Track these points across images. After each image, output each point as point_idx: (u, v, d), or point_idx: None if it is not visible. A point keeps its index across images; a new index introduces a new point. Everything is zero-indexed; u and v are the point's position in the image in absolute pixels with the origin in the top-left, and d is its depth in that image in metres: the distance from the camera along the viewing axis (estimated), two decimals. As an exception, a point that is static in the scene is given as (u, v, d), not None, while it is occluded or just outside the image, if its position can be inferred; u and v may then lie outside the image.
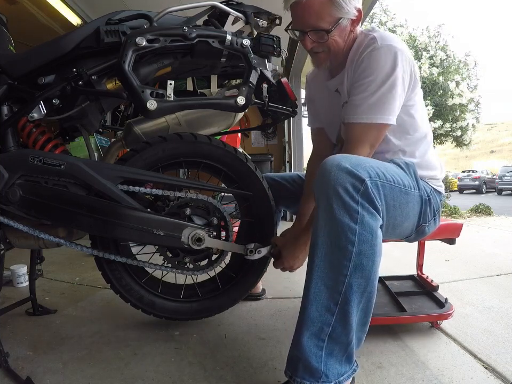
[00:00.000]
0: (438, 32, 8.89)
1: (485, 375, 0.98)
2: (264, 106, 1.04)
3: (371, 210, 0.80)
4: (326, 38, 0.98)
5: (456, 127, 8.30)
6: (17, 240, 1.08)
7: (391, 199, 0.87)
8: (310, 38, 0.99)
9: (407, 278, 1.57)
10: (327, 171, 0.81)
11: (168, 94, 0.91)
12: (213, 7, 1.06)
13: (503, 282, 1.85)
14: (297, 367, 0.81)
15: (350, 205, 0.78)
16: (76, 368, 1.02)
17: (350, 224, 0.77)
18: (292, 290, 1.72)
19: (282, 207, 1.45)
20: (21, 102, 1.05)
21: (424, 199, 0.99)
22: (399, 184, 0.91)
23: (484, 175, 19.22)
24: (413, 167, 1.02)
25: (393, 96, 0.95)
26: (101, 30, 0.99)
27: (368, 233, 0.78)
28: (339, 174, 0.79)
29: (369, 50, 0.96)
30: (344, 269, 0.78)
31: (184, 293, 1.26)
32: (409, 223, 0.99)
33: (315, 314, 0.80)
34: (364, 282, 0.79)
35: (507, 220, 5.00)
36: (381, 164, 0.90)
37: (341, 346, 0.81)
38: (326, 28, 0.96)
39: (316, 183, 0.84)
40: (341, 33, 0.99)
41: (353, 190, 0.78)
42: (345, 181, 0.78)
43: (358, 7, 0.97)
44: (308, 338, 0.80)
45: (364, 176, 0.80)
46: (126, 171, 1.04)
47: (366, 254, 0.78)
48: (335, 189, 0.78)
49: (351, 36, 1.02)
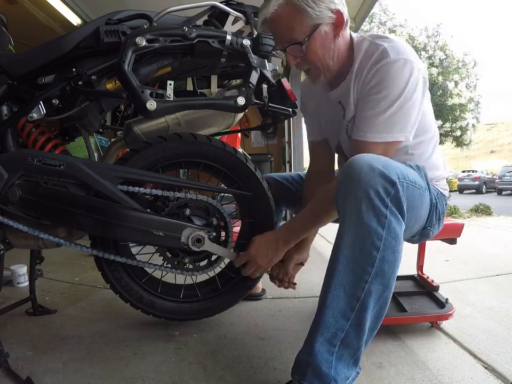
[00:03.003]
0: (437, 32, 8.90)
1: (485, 375, 0.98)
2: (264, 106, 1.04)
3: (398, 215, 0.77)
4: (304, 51, 0.92)
5: (456, 127, 8.31)
6: (17, 240, 1.08)
7: (412, 201, 0.85)
8: (291, 54, 0.94)
9: (408, 278, 1.57)
10: (357, 171, 0.76)
11: (168, 94, 0.91)
12: (213, 7, 1.06)
13: (503, 282, 1.85)
14: (306, 371, 0.79)
15: (380, 209, 0.75)
16: (76, 368, 1.02)
17: (378, 229, 0.75)
18: (292, 291, 1.71)
19: (283, 207, 1.45)
20: (20, 102, 1.05)
21: (433, 203, 0.99)
22: (419, 186, 0.89)
23: (484, 175, 19.23)
24: (424, 170, 1.00)
25: (407, 112, 0.90)
26: (100, 30, 0.99)
27: (393, 239, 0.76)
28: (371, 175, 0.75)
29: (381, 64, 0.90)
30: (366, 275, 0.76)
31: (183, 293, 1.26)
32: (418, 225, 0.98)
33: (331, 320, 0.78)
34: (382, 288, 0.77)
35: (507, 219, 5.01)
36: (402, 165, 0.87)
37: (351, 351, 0.80)
38: (300, 39, 0.90)
39: (342, 183, 0.80)
40: (322, 43, 0.92)
41: (384, 193, 0.75)
42: (377, 183, 0.75)
43: (333, 8, 0.89)
44: (321, 344, 0.78)
45: (395, 178, 0.76)
46: (125, 171, 1.04)
47: (389, 261, 0.76)
48: (366, 191, 0.75)
49: (339, 42, 0.95)
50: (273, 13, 0.89)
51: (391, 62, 0.89)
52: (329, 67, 0.97)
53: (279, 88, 1.11)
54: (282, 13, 0.89)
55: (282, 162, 5.16)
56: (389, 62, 0.89)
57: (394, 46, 0.92)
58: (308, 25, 0.89)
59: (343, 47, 0.97)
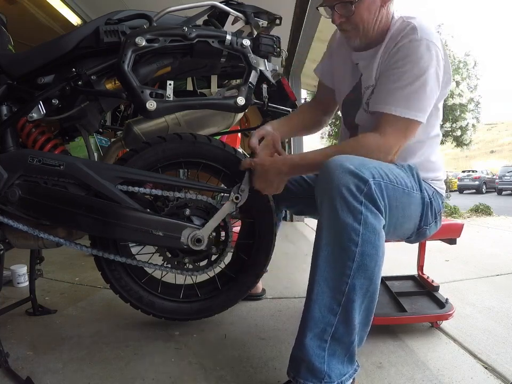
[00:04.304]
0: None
1: (485, 375, 0.98)
2: (264, 106, 1.04)
3: (374, 211, 0.79)
4: (353, 11, 0.95)
5: (456, 127, 8.30)
6: (16, 240, 1.08)
7: (394, 200, 0.87)
8: (338, 13, 0.97)
9: (408, 278, 1.57)
10: (330, 172, 0.80)
11: (167, 94, 0.91)
12: (212, 7, 1.06)
13: (503, 282, 1.85)
14: (300, 368, 0.81)
15: (354, 205, 0.77)
16: (76, 368, 1.02)
17: (354, 225, 0.77)
18: (292, 290, 1.72)
19: (284, 207, 1.46)
20: (20, 102, 1.05)
21: (426, 202, 0.99)
22: (402, 185, 0.90)
23: (484, 175, 19.22)
24: (416, 169, 1.01)
25: (426, 93, 0.92)
26: (100, 30, 0.99)
27: (372, 233, 0.78)
28: (342, 174, 0.78)
29: (408, 40, 0.93)
30: (347, 270, 0.78)
31: (183, 293, 1.26)
32: (410, 224, 0.99)
33: (318, 315, 0.80)
34: (367, 282, 0.79)
35: (507, 219, 5.01)
36: (385, 165, 0.89)
37: (343, 347, 0.81)
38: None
39: (318, 184, 0.84)
40: (369, 7, 0.95)
41: (356, 190, 0.78)
42: (349, 182, 0.78)
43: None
44: (311, 339, 0.80)
45: (367, 176, 0.79)
46: (125, 171, 1.04)
47: (370, 255, 0.78)
48: (338, 189, 0.78)
49: (383, 12, 0.98)
50: None
51: (417, 39, 0.92)
52: (368, 33, 1.00)
53: (279, 88, 1.11)
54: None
55: (282, 162, 5.15)
56: (415, 39, 0.92)
57: (423, 26, 0.94)
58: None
59: (384, 19, 0.99)
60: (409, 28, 0.94)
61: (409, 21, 0.97)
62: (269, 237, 1.22)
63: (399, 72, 0.93)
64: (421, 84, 0.91)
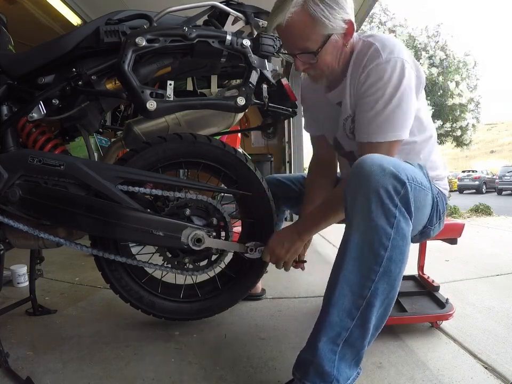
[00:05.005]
0: (437, 32, 8.90)
1: (485, 375, 0.98)
2: (264, 106, 1.04)
3: (406, 215, 0.77)
4: (316, 59, 0.94)
5: (456, 127, 8.31)
6: (17, 240, 1.08)
7: (418, 201, 0.86)
8: (300, 61, 0.96)
9: (408, 278, 1.56)
10: (367, 171, 0.77)
11: (168, 94, 0.91)
12: (213, 7, 1.06)
13: (503, 282, 1.85)
14: (308, 371, 0.79)
15: (389, 208, 0.75)
16: (76, 368, 1.02)
17: (386, 229, 0.75)
18: (292, 290, 1.72)
19: (286, 208, 1.46)
20: (20, 102, 1.05)
21: (434, 202, 0.99)
22: (424, 187, 0.89)
23: (484, 175, 19.23)
24: (425, 168, 1.01)
25: (403, 110, 0.91)
26: (100, 30, 0.99)
27: (401, 239, 0.76)
28: (382, 174, 0.75)
29: (374, 64, 0.91)
30: (372, 274, 0.76)
31: (183, 293, 1.26)
32: (420, 225, 0.98)
33: (336, 319, 0.78)
34: (388, 288, 0.77)
35: (507, 219, 5.01)
36: (409, 165, 0.88)
37: (354, 351, 0.79)
38: (313, 48, 0.91)
39: (351, 184, 0.81)
40: (332, 51, 0.94)
41: (394, 193, 0.75)
42: (388, 183, 0.75)
43: (346, 18, 0.91)
44: (325, 343, 0.78)
45: (405, 179, 0.77)
46: (125, 171, 1.04)
47: (396, 261, 0.76)
48: (376, 190, 0.75)
49: (345, 49, 0.97)
50: (289, 20, 0.89)
51: (382, 62, 0.90)
52: (333, 71, 0.99)
53: (279, 88, 1.11)
54: (298, 21, 0.89)
55: (282, 162, 5.16)
56: (381, 62, 0.90)
57: (384, 43, 0.92)
58: (322, 35, 0.91)
59: (348, 52, 0.99)
60: (373, 50, 0.93)
61: (369, 41, 0.95)
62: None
63: (374, 99, 0.92)
64: (397, 103, 0.90)
